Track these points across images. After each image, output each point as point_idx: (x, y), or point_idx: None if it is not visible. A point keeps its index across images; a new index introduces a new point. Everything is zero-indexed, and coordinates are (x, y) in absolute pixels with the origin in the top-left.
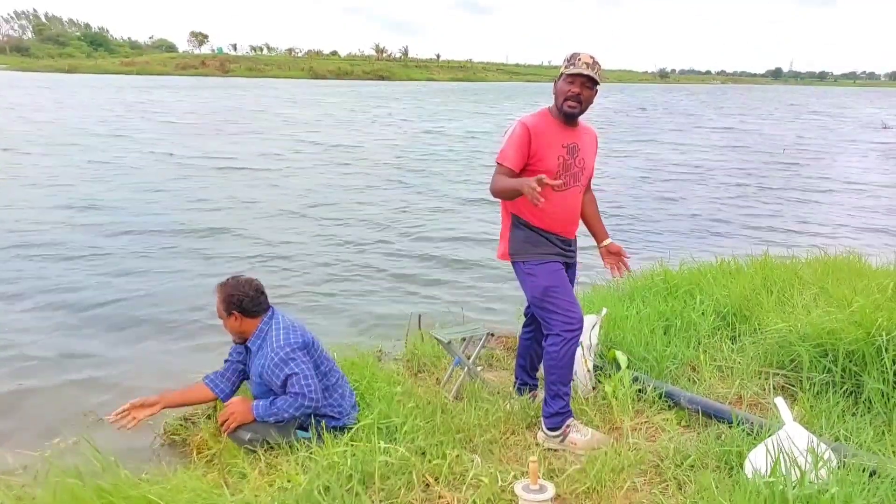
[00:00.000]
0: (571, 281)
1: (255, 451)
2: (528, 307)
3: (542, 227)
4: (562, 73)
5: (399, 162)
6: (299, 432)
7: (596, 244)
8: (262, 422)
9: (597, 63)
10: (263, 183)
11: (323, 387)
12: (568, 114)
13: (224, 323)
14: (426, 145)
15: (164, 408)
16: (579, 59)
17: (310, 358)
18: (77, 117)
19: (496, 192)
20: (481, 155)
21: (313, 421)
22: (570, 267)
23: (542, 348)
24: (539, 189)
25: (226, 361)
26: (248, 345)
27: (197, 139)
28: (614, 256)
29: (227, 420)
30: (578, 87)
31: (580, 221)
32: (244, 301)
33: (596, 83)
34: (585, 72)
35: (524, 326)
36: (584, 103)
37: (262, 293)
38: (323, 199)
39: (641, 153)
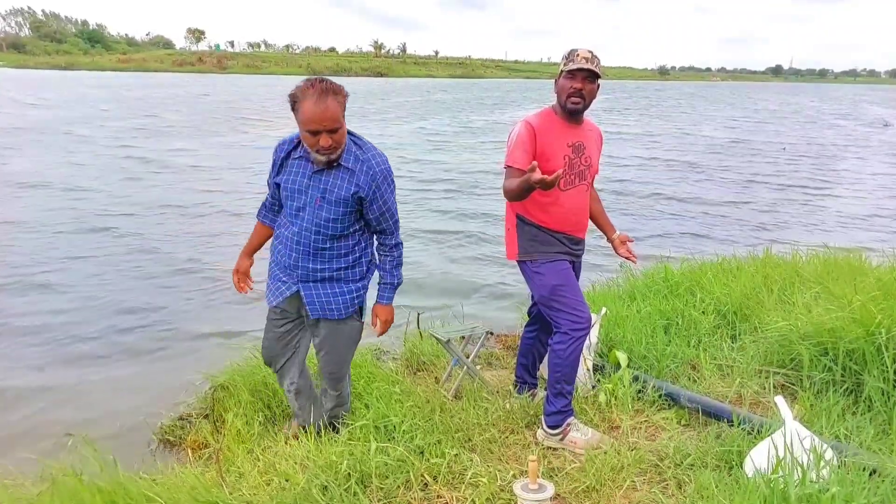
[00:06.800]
0: (576, 278)
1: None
2: (532, 306)
3: (551, 227)
4: (562, 71)
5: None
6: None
7: (607, 239)
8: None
9: (595, 57)
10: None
11: None
12: (572, 110)
13: (339, 130)
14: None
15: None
16: (577, 55)
17: None
18: None
19: (509, 195)
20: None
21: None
22: (575, 265)
23: (544, 347)
24: (538, 175)
25: (270, 196)
26: (342, 162)
27: None
28: (624, 245)
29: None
30: (580, 83)
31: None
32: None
33: (597, 76)
34: (585, 66)
35: (527, 325)
36: (587, 98)
37: None
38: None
39: (640, 150)
